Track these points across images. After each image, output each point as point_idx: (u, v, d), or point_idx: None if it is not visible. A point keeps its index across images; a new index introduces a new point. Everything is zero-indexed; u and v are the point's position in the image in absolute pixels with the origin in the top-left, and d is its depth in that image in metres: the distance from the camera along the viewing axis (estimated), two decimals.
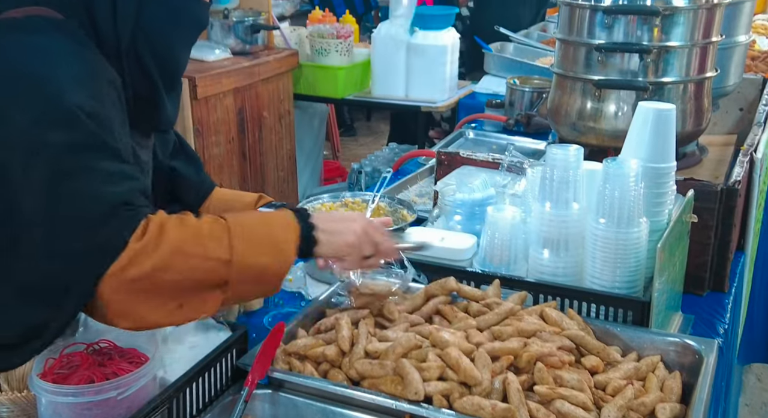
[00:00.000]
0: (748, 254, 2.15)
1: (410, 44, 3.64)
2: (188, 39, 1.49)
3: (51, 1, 1.29)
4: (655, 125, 1.62)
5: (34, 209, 1.16)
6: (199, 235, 1.22)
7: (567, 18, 2.08)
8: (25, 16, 1.27)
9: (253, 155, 3.67)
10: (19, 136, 1.15)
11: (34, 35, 1.25)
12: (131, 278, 1.14)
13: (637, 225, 1.51)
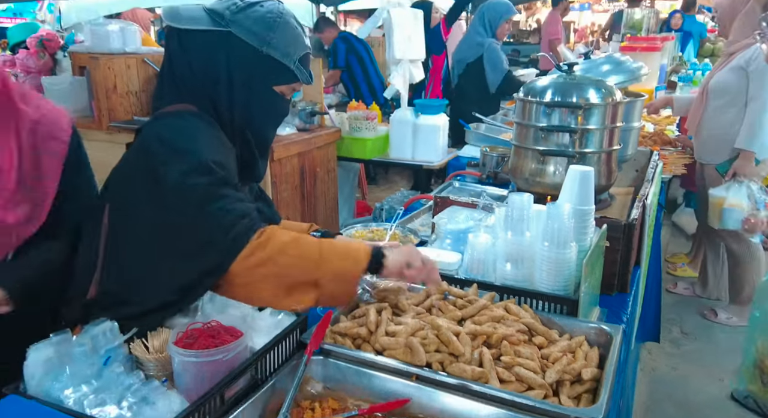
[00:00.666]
0: (642, 267, 2.13)
1: (415, 124, 3.64)
2: (276, 124, 1.51)
3: (190, 100, 1.33)
4: (580, 181, 1.60)
5: (193, 222, 1.20)
6: (298, 241, 1.23)
7: (521, 109, 2.05)
8: (176, 110, 1.31)
9: (309, 198, 3.67)
10: (172, 182, 1.19)
11: (181, 120, 1.29)
12: (250, 264, 1.18)
13: (569, 247, 1.48)
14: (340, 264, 1.24)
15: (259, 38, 1.32)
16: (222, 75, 1.33)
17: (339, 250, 1.27)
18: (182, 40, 1.32)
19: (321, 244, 1.26)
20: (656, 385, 2.94)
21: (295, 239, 1.23)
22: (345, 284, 1.26)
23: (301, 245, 1.23)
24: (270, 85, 1.39)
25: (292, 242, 1.22)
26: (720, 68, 3.30)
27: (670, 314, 3.61)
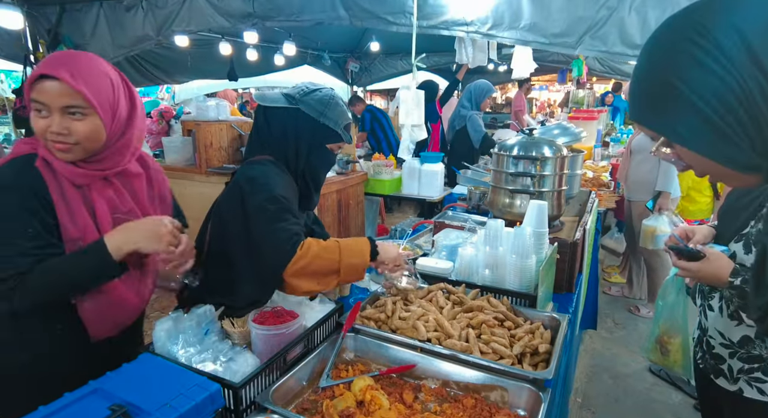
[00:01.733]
0: (584, 274, 2.09)
1: (421, 170, 3.67)
2: (326, 170, 1.52)
3: (269, 153, 1.37)
4: (537, 211, 1.58)
5: (262, 237, 1.23)
6: (326, 248, 1.24)
7: (497, 160, 2.04)
8: (259, 159, 1.35)
9: (344, 222, 3.68)
10: (253, 207, 1.23)
11: (262, 166, 1.33)
12: (297, 268, 1.19)
13: (530, 258, 1.47)
14: (353, 260, 1.26)
15: (318, 112, 1.36)
16: (291, 137, 1.37)
17: (352, 248, 1.28)
18: (266, 113, 1.37)
19: (339, 245, 1.27)
20: (595, 360, 2.88)
21: (323, 246, 1.25)
22: (356, 273, 1.29)
23: (327, 249, 1.24)
24: (324, 144, 1.42)
25: (321, 249, 1.24)
26: (638, 134, 3.30)
27: (606, 309, 3.54)
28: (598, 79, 11.32)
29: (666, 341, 1.41)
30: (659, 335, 1.43)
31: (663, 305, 1.42)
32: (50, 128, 1.00)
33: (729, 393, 1.18)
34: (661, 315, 1.43)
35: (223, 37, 5.78)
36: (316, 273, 1.23)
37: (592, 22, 2.57)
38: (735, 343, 1.17)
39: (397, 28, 3.15)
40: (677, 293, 1.39)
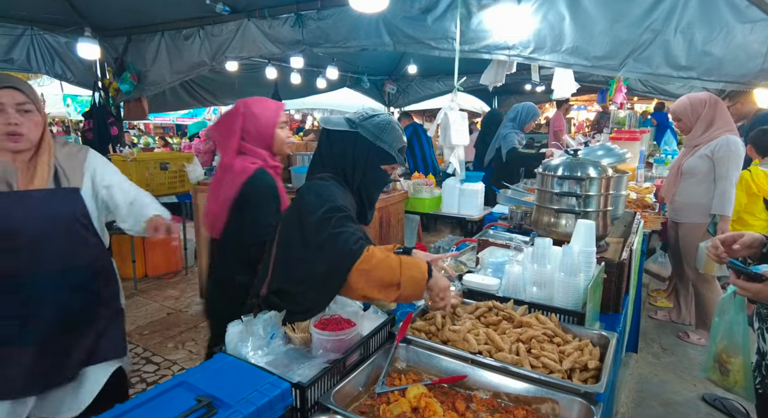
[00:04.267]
0: (630, 295, 2.07)
1: (461, 189, 3.70)
2: (380, 189, 1.59)
3: (331, 171, 1.46)
4: (585, 230, 1.60)
5: (328, 241, 1.29)
6: (389, 257, 1.30)
7: (541, 179, 2.07)
8: (321, 176, 1.45)
9: (385, 238, 3.70)
10: (317, 218, 1.32)
11: (324, 182, 1.42)
12: (360, 270, 1.26)
13: (578, 276, 1.49)
14: (413, 273, 1.30)
15: (375, 136, 1.46)
16: (350, 157, 1.47)
17: (412, 263, 1.31)
18: (329, 135, 1.48)
19: (401, 259, 1.31)
20: (642, 385, 2.79)
21: (387, 255, 1.30)
22: (416, 286, 1.30)
23: (390, 259, 1.29)
24: (379, 165, 1.50)
25: (385, 258, 1.29)
26: (689, 155, 3.18)
27: (651, 334, 3.43)
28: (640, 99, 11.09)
29: (725, 360, 1.39)
30: (717, 353, 1.41)
31: (719, 322, 1.41)
32: None
33: None
34: (718, 332, 1.41)
35: (269, 62, 6.08)
36: (379, 279, 1.27)
37: (635, 44, 2.60)
38: None
39: (440, 52, 3.26)
40: (736, 312, 1.37)
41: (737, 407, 2.49)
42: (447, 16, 3.12)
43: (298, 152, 3.64)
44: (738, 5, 2.33)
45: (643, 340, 3.31)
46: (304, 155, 3.64)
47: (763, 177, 3.11)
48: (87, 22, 4.47)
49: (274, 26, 3.88)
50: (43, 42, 4.61)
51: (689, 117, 3.11)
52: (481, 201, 3.76)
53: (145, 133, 12.66)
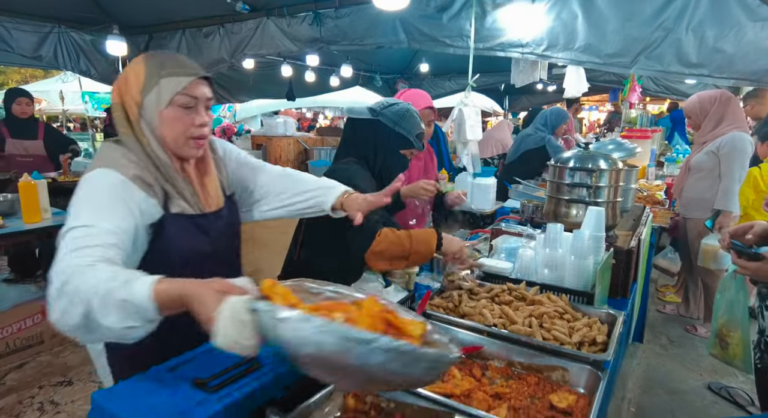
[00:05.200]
0: (638, 284, 2.14)
1: (473, 183, 3.75)
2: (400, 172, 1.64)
3: (355, 156, 1.58)
4: (595, 216, 1.67)
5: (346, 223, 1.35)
6: (399, 236, 1.41)
7: (554, 171, 2.14)
8: (346, 160, 1.56)
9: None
10: None
11: (348, 165, 1.53)
12: (375, 251, 1.39)
13: (588, 259, 1.57)
14: (420, 247, 1.43)
15: (394, 122, 1.57)
16: (371, 142, 1.58)
17: (420, 238, 1.45)
18: (353, 123, 1.59)
19: (410, 234, 1.44)
20: (649, 374, 2.86)
21: (396, 235, 1.42)
22: (423, 258, 1.45)
23: (400, 237, 1.42)
24: (398, 149, 1.61)
25: (396, 237, 1.42)
26: (698, 152, 3.27)
27: (659, 327, 3.49)
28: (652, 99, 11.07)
29: (725, 334, 1.47)
30: (718, 328, 1.49)
31: (721, 299, 1.49)
32: None
33: None
34: (719, 309, 1.50)
35: (285, 60, 6.20)
36: (391, 256, 1.42)
37: (647, 42, 2.67)
38: None
39: (454, 50, 3.36)
40: (737, 290, 1.45)
41: (742, 394, 2.56)
42: (462, 14, 3.21)
43: (314, 147, 3.75)
44: (749, 4, 2.39)
45: (651, 332, 3.38)
46: (320, 150, 3.75)
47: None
48: (113, 20, 4.62)
49: (293, 24, 4.00)
50: (70, 40, 4.78)
51: (698, 114, 3.17)
52: (493, 195, 3.80)
53: None
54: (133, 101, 1.08)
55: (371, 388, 0.94)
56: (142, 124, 1.09)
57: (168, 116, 1.08)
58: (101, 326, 0.81)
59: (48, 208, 2.93)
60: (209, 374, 0.97)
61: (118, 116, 1.09)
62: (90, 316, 0.81)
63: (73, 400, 2.47)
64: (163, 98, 1.07)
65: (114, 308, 0.80)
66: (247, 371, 1.00)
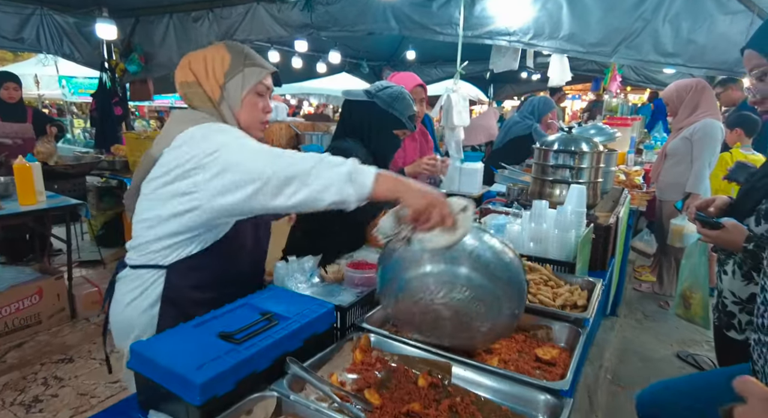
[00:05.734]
0: (616, 259, 2.28)
1: (461, 168, 3.88)
2: (393, 151, 1.77)
3: (351, 136, 1.67)
4: (577, 193, 1.81)
5: None
6: None
7: (539, 153, 2.27)
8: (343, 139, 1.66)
9: None
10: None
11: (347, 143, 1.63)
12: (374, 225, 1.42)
13: (570, 232, 1.69)
14: None
15: (388, 104, 1.67)
16: (366, 123, 1.68)
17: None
18: (350, 105, 1.69)
19: None
20: (626, 345, 3.06)
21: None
22: None
23: None
24: (391, 130, 1.71)
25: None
26: (674, 138, 3.45)
27: (636, 304, 3.71)
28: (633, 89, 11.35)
29: (689, 296, 1.64)
30: (683, 290, 1.66)
31: (686, 264, 1.66)
32: None
33: (737, 342, 1.41)
34: (684, 273, 1.66)
35: (272, 46, 6.21)
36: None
37: (627, 32, 2.82)
38: (744, 300, 1.40)
39: (444, 37, 3.46)
40: (700, 256, 1.62)
41: (707, 360, 2.78)
42: (451, 3, 3.31)
43: (306, 132, 3.83)
44: None
45: (628, 308, 3.60)
46: (312, 135, 3.82)
47: (741, 159, 3.36)
48: (100, 2, 4.58)
49: (284, 10, 4.04)
50: (53, 22, 4.72)
51: (674, 101, 3.35)
52: (480, 180, 3.95)
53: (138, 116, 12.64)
54: (216, 82, 1.21)
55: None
56: (224, 104, 1.22)
57: (248, 101, 1.24)
58: (321, 178, 1.00)
59: (43, 190, 2.96)
60: (233, 330, 1.08)
61: (195, 93, 1.22)
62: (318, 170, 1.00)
63: (76, 375, 2.55)
64: (246, 85, 1.22)
65: (342, 175, 1.00)
66: (266, 327, 1.11)
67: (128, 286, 1.26)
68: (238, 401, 0.93)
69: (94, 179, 4.54)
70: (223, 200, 1.05)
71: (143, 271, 1.23)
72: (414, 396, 1.02)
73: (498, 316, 1.10)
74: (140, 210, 1.20)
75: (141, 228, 1.21)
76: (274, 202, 1.02)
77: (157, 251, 1.21)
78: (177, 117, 1.22)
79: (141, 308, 1.24)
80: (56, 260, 4.03)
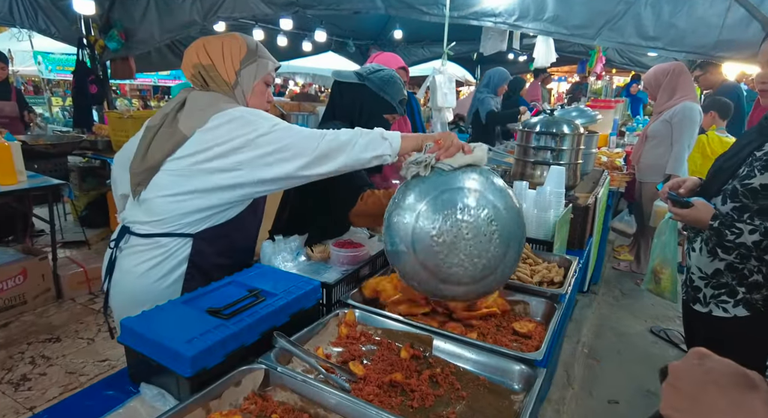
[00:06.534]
0: (594, 239, 2.35)
1: None
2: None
3: (340, 119, 1.67)
4: (557, 174, 1.84)
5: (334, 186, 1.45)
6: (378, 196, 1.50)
7: (521, 135, 2.31)
8: (331, 123, 1.65)
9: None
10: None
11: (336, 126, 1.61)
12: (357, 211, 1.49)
13: (549, 212, 1.73)
14: None
15: (379, 88, 1.66)
16: (357, 106, 1.67)
17: None
18: (340, 87, 1.69)
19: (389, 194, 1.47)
20: (602, 321, 3.18)
21: (377, 195, 1.50)
22: None
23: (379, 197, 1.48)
24: (382, 114, 1.70)
25: (377, 198, 1.48)
26: (654, 121, 3.52)
27: (614, 282, 3.83)
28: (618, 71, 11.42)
29: (659, 271, 1.72)
30: (654, 266, 1.74)
31: (658, 242, 1.73)
32: None
33: (702, 314, 1.49)
34: (655, 250, 1.74)
35: (257, 24, 6.08)
36: (373, 214, 1.50)
37: (610, 15, 2.84)
38: (709, 275, 1.47)
39: (430, 17, 3.44)
40: (670, 233, 1.70)
41: (677, 335, 2.91)
42: None
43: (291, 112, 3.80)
44: None
45: (606, 287, 3.71)
46: (297, 115, 3.80)
47: (717, 142, 3.46)
48: None
49: None
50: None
51: (653, 85, 3.40)
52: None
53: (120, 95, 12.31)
54: (232, 67, 1.31)
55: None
56: (238, 89, 1.33)
57: (257, 89, 1.36)
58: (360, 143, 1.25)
59: (23, 170, 2.92)
60: (221, 306, 1.11)
61: (212, 75, 1.31)
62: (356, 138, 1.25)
63: (63, 354, 2.57)
64: (259, 73, 1.35)
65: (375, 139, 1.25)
66: (254, 303, 1.15)
67: (142, 256, 1.29)
68: (227, 373, 0.96)
69: (76, 159, 4.46)
70: (271, 172, 1.21)
71: (167, 240, 1.28)
72: (396, 367, 1.07)
73: (505, 254, 1.16)
74: (163, 185, 1.26)
75: (165, 202, 1.26)
76: (321, 169, 1.23)
77: (189, 223, 1.28)
78: (204, 98, 1.29)
79: (157, 275, 1.29)
80: (39, 241, 3.98)
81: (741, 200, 1.37)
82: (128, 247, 1.32)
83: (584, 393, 2.43)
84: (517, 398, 1.02)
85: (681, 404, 0.47)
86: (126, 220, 1.35)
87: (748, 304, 1.40)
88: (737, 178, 1.41)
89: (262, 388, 0.99)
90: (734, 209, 1.39)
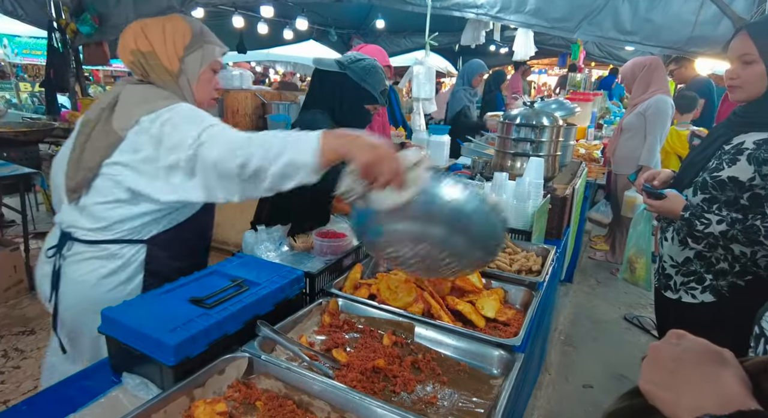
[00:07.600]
0: (571, 229, 2.41)
1: (429, 141, 3.95)
2: (363, 126, 1.75)
3: (321, 107, 1.67)
4: (536, 165, 1.88)
5: None
6: None
7: (502, 127, 2.34)
8: (311, 111, 1.65)
9: None
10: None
11: (313, 115, 1.63)
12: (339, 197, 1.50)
13: (527, 202, 1.77)
14: None
15: (360, 78, 1.66)
16: (337, 95, 1.67)
17: None
18: (321, 75, 1.68)
19: None
20: (578, 309, 3.28)
21: None
22: None
23: None
24: (363, 104, 1.71)
25: None
26: (629, 113, 3.61)
27: (590, 271, 3.94)
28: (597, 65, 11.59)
29: (634, 261, 1.79)
30: (629, 256, 1.80)
31: (633, 233, 1.80)
32: None
33: (672, 301, 1.56)
34: (631, 240, 1.80)
35: (236, 11, 5.96)
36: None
37: (589, 9, 2.88)
38: (679, 263, 1.54)
39: (412, 8, 3.43)
40: (645, 224, 1.76)
41: (649, 321, 3.02)
42: None
43: (272, 101, 3.76)
44: None
45: (582, 276, 3.81)
46: (279, 104, 3.76)
47: (675, 136, 3.57)
48: None
49: None
50: None
51: (629, 77, 3.48)
52: (447, 152, 4.01)
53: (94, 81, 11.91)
54: (175, 55, 1.20)
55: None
56: (182, 78, 1.23)
57: (204, 77, 1.26)
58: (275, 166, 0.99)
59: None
60: (203, 295, 1.11)
61: (153, 64, 1.20)
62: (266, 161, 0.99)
63: (38, 347, 2.52)
64: (205, 61, 1.24)
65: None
66: (237, 292, 1.15)
67: (91, 264, 1.21)
68: (211, 362, 0.97)
69: (48, 148, 4.33)
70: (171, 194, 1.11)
71: (116, 246, 1.21)
72: (379, 354, 1.09)
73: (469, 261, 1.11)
74: (103, 191, 1.16)
75: (106, 208, 1.17)
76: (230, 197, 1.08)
77: (135, 228, 1.21)
78: (137, 94, 1.18)
79: (112, 284, 1.22)
80: (10, 232, 3.87)
81: (710, 192, 1.42)
82: (73, 255, 1.22)
83: (560, 378, 2.51)
84: (495, 382, 1.05)
85: (658, 378, 0.51)
86: (64, 224, 1.23)
87: (714, 290, 1.46)
88: (707, 170, 1.47)
89: (246, 376, 1.00)
90: (704, 201, 1.44)
